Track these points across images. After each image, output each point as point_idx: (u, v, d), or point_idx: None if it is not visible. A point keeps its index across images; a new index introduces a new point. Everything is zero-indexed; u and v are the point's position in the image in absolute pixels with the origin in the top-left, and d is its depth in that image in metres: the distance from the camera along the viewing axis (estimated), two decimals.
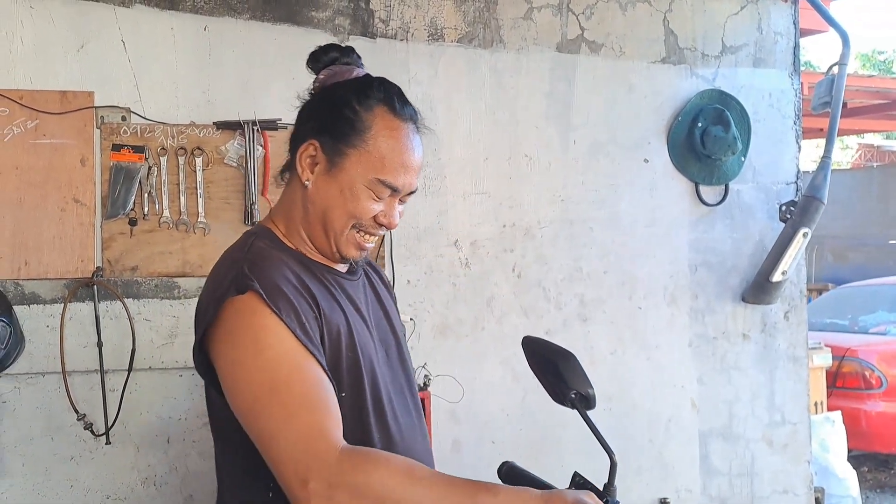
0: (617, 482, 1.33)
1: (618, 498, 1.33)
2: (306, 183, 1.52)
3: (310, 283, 1.47)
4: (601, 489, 1.32)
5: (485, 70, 3.39)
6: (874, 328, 6.14)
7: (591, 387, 1.39)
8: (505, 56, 3.41)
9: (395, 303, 1.80)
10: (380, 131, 1.48)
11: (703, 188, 3.64)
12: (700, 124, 3.57)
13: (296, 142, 1.56)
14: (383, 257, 3.24)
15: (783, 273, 3.58)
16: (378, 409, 1.52)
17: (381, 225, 1.52)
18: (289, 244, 1.55)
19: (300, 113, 1.61)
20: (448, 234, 3.35)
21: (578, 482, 1.36)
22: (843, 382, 5.41)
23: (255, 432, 1.33)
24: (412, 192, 1.53)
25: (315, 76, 1.61)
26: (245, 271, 1.40)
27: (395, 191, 1.49)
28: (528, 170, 3.44)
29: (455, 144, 3.37)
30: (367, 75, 1.58)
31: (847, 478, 4.66)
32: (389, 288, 1.81)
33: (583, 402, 1.38)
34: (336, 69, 1.57)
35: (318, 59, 1.59)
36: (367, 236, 1.53)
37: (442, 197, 3.34)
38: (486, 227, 3.39)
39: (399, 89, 1.56)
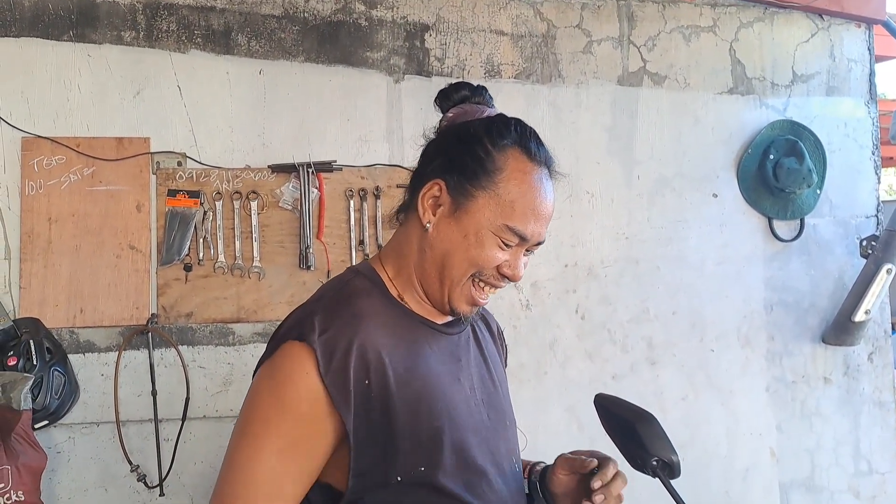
0: None
1: None
2: (427, 225, 1.30)
3: (396, 343, 1.27)
4: None
5: (543, 105, 3.13)
6: None
7: (676, 453, 1.21)
8: (564, 91, 3.15)
9: (503, 355, 1.55)
10: (512, 174, 1.28)
11: (776, 223, 3.28)
12: (772, 156, 3.22)
13: (418, 181, 1.37)
14: None
15: (866, 312, 3.18)
16: (468, 481, 1.28)
17: (503, 276, 1.30)
18: (392, 289, 1.34)
19: (424, 151, 1.42)
20: None
21: None
22: None
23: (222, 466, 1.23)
24: (540, 243, 1.32)
25: (442, 115, 1.42)
26: (315, 320, 1.23)
27: (523, 239, 1.29)
28: (590, 207, 3.14)
29: None
30: (501, 115, 1.38)
31: None
32: (497, 338, 1.55)
33: (666, 469, 1.21)
34: (467, 108, 1.39)
35: (447, 97, 1.42)
36: (486, 288, 1.32)
37: None
38: (547, 268, 3.10)
39: (534, 131, 1.35)
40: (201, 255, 2.82)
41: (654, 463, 1.19)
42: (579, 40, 3.17)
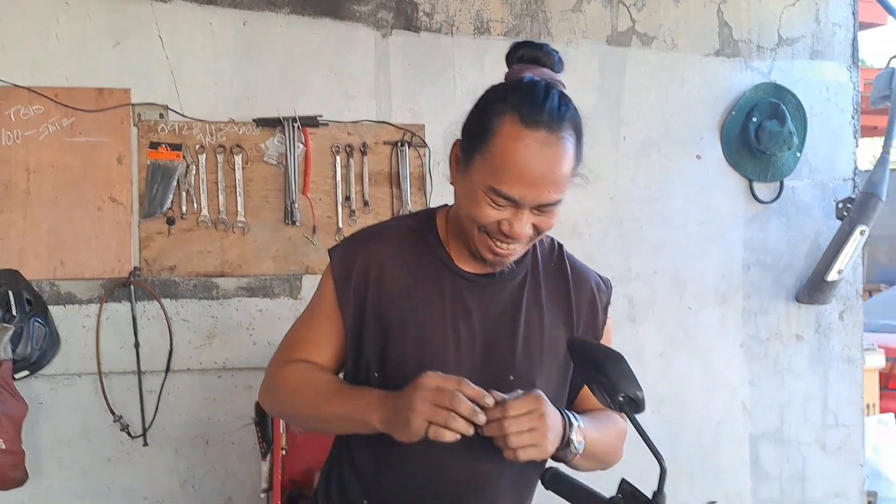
0: (666, 488, 1.17)
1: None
2: (451, 182, 1.41)
3: (404, 270, 1.40)
4: (650, 496, 1.16)
5: None
6: None
7: (641, 389, 1.21)
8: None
9: (580, 323, 1.48)
10: (502, 139, 1.26)
11: (756, 185, 3.25)
12: (755, 119, 3.18)
13: None
14: None
15: (839, 272, 3.19)
16: None
17: (506, 234, 1.29)
18: (442, 233, 1.45)
19: None
20: None
21: (626, 489, 1.20)
22: None
23: None
24: (550, 204, 1.29)
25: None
26: (350, 237, 1.50)
27: (512, 201, 1.27)
28: None
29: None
30: (529, 78, 1.33)
31: None
32: (583, 306, 1.49)
33: (631, 405, 1.21)
34: (517, 68, 1.39)
35: (509, 56, 1.42)
36: (498, 242, 1.32)
37: None
38: None
39: (546, 94, 1.30)
40: (184, 208, 2.73)
41: (621, 399, 1.20)
42: None
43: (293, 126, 2.75)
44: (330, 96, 2.86)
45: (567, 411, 1.31)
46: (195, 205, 2.73)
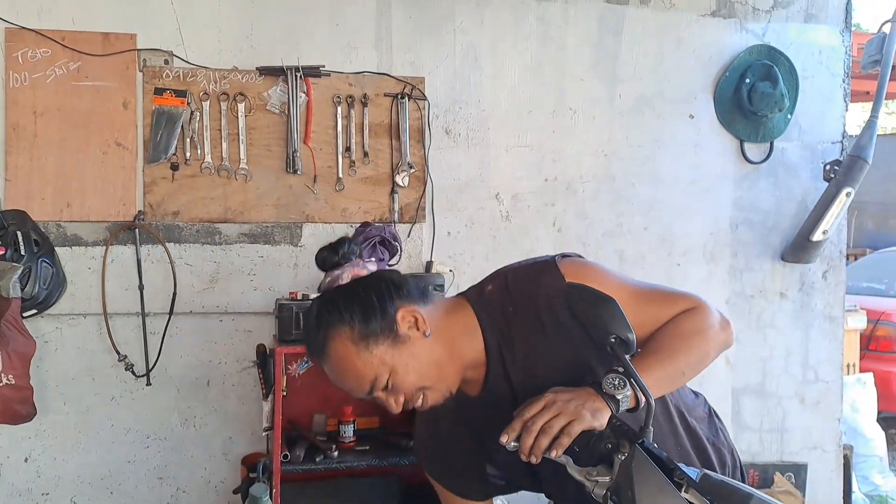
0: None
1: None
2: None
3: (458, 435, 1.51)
4: (637, 430, 1.19)
5: (532, 20, 3.03)
6: None
7: (631, 331, 1.23)
8: (552, 6, 3.05)
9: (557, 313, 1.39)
10: None
11: (747, 145, 3.26)
12: (748, 80, 3.18)
13: None
14: (423, 208, 2.94)
15: (824, 232, 3.22)
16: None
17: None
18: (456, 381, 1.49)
19: None
20: (490, 187, 3.03)
21: (615, 424, 1.21)
22: (876, 345, 5.02)
23: None
24: (377, 391, 1.34)
25: None
26: (421, 455, 1.63)
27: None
28: (572, 123, 3.09)
29: (499, 96, 3.03)
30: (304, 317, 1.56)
31: (875, 438, 4.32)
32: (546, 312, 1.39)
33: (622, 346, 1.23)
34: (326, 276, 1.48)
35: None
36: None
37: (484, 149, 3.02)
38: (528, 181, 3.06)
39: (305, 338, 1.41)
40: (188, 154, 2.73)
41: (613, 340, 1.22)
42: None
43: (296, 75, 2.74)
44: (332, 47, 2.84)
45: (599, 377, 1.28)
46: (199, 151, 2.73)
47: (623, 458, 1.15)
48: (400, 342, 1.32)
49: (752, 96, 3.17)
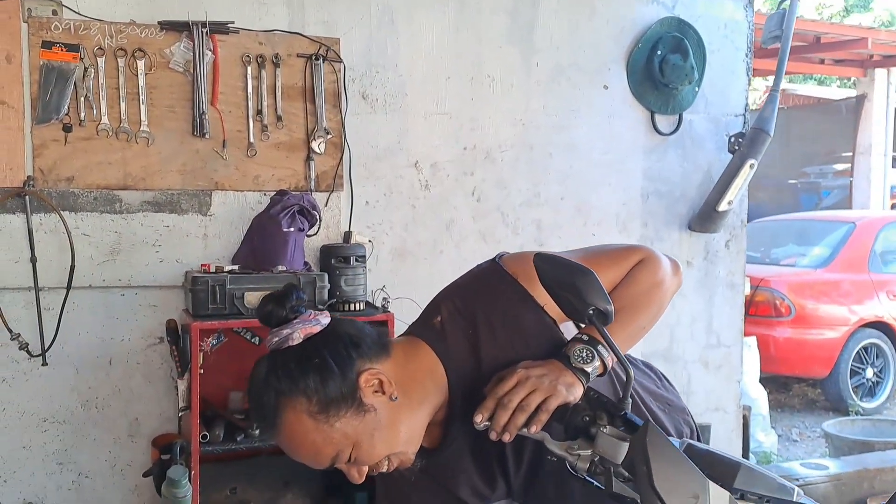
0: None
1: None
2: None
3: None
4: (616, 402, 1.13)
5: None
6: (785, 260, 6.00)
7: (610, 303, 1.16)
8: None
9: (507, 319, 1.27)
10: None
11: (658, 117, 3.28)
12: (659, 52, 3.19)
13: None
14: (341, 177, 2.79)
15: (729, 203, 3.29)
16: None
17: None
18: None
19: None
20: (408, 155, 2.91)
21: (592, 396, 1.16)
22: (755, 310, 5.23)
23: None
24: (340, 462, 1.18)
25: None
26: None
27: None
28: (490, 91, 3.01)
29: (417, 61, 2.91)
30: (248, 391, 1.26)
31: (759, 398, 4.51)
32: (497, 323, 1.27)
33: (601, 317, 1.16)
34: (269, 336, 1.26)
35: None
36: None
37: (402, 116, 2.89)
38: (446, 150, 2.97)
39: (254, 411, 1.21)
40: (83, 115, 2.48)
41: (591, 312, 1.15)
42: None
43: (202, 31, 2.53)
44: (240, 1, 2.64)
45: (564, 348, 1.21)
46: (94, 111, 2.48)
47: (605, 430, 1.10)
48: (363, 411, 1.15)
49: (663, 68, 3.18)
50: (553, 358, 1.19)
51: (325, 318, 1.20)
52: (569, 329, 1.30)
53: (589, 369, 1.18)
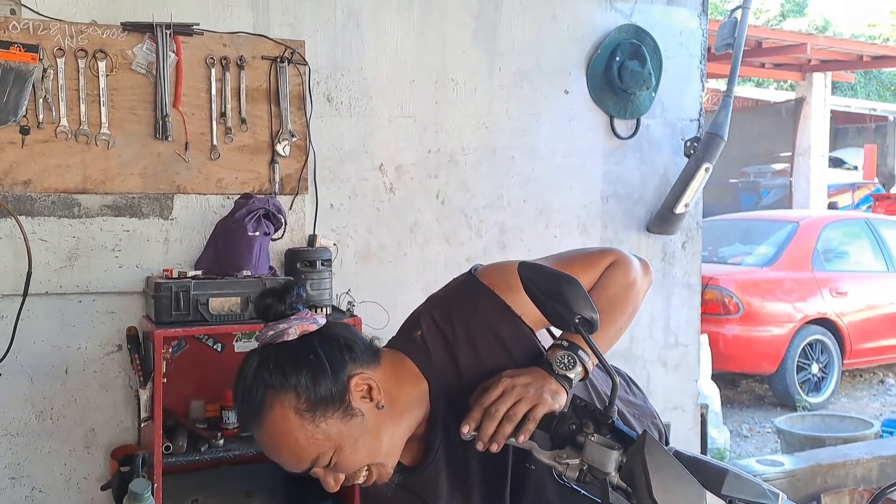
0: None
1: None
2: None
3: None
4: (602, 409, 1.16)
5: None
6: (732, 258, 6.28)
7: (596, 311, 1.19)
8: None
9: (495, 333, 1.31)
10: None
11: (617, 121, 3.41)
12: (618, 58, 3.32)
13: None
14: (306, 179, 2.83)
15: (685, 205, 3.44)
16: None
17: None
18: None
19: None
20: (373, 158, 2.97)
21: (578, 404, 1.18)
22: (705, 308, 5.42)
23: None
24: (319, 467, 1.19)
25: None
26: None
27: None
28: (454, 95, 3.09)
29: (381, 64, 2.96)
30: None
31: (711, 395, 4.72)
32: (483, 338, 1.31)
33: (586, 325, 1.19)
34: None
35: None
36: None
37: (367, 118, 2.95)
38: (411, 152, 3.03)
39: (237, 404, 1.24)
40: (41, 117, 2.45)
41: (577, 320, 1.18)
42: None
43: (165, 33, 2.53)
44: (204, 3, 2.66)
45: (545, 355, 1.25)
46: (53, 113, 2.46)
47: (593, 438, 1.12)
48: (350, 415, 1.17)
49: (622, 74, 3.32)
50: (535, 365, 1.24)
51: (321, 319, 1.24)
52: (543, 336, 1.35)
53: (571, 375, 1.22)
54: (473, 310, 1.29)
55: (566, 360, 1.23)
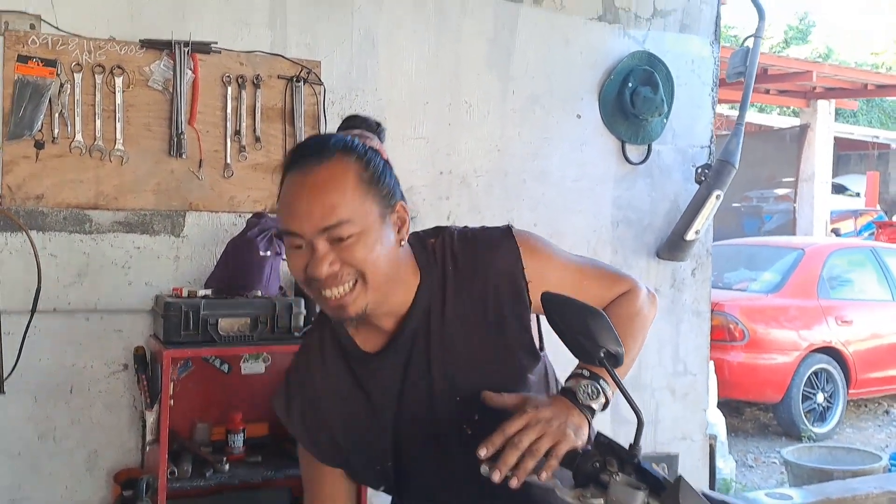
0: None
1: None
2: None
3: (330, 380, 1.37)
4: (627, 448, 1.14)
5: (430, 8, 3.02)
6: (737, 284, 6.29)
7: (621, 345, 1.20)
8: None
9: (517, 294, 1.33)
10: (281, 189, 1.26)
11: (628, 147, 3.44)
12: (630, 84, 3.36)
13: None
14: None
15: (696, 232, 3.46)
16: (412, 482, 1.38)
17: (313, 278, 1.22)
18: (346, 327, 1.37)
19: None
20: None
21: (602, 442, 1.17)
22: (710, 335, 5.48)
23: None
24: (333, 227, 1.19)
25: None
26: (285, 381, 1.43)
27: (295, 235, 1.21)
28: (467, 117, 3.11)
29: (396, 85, 2.99)
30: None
31: (717, 423, 4.70)
32: (503, 288, 1.33)
33: (611, 359, 1.20)
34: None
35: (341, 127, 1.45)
36: (323, 292, 1.23)
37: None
38: (423, 174, 3.05)
39: (309, 141, 1.29)
40: (56, 132, 2.47)
41: (602, 354, 1.19)
42: None
43: (183, 50, 2.56)
44: (222, 21, 2.68)
45: (567, 383, 1.26)
46: (69, 128, 2.48)
47: (618, 478, 1.11)
48: (385, 221, 1.22)
49: (634, 100, 3.35)
50: (559, 394, 1.25)
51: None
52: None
53: (595, 406, 1.23)
54: (490, 261, 1.31)
55: (590, 391, 1.24)
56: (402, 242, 1.25)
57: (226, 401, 2.67)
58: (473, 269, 1.32)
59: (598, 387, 1.25)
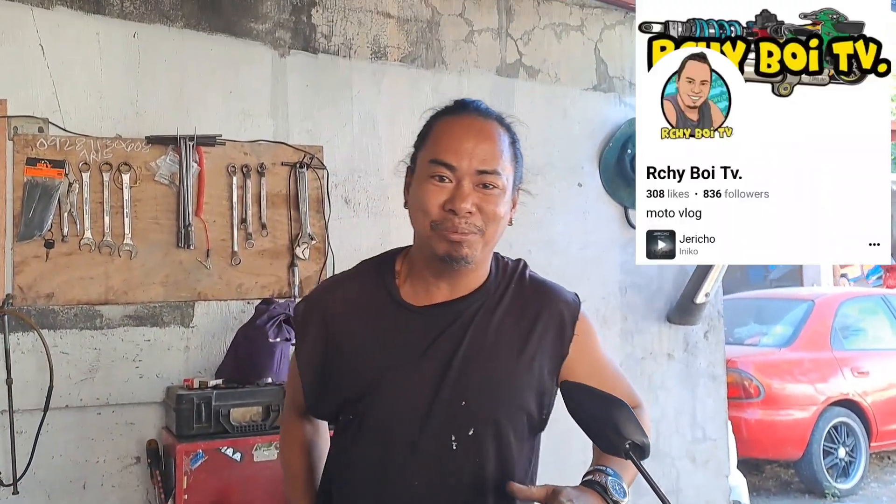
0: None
1: None
2: (405, 205, 1.46)
3: (356, 313, 1.44)
4: None
5: (427, 90, 3.11)
6: (748, 339, 6.26)
7: (647, 436, 1.24)
8: (447, 77, 3.15)
9: (556, 343, 1.46)
10: (438, 127, 1.42)
11: (631, 212, 3.49)
12: (629, 151, 3.43)
13: None
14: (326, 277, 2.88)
15: (706, 295, 3.49)
16: (378, 433, 1.39)
17: (452, 212, 1.32)
18: (400, 270, 1.47)
19: None
20: None
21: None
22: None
23: None
24: (488, 173, 1.34)
25: None
26: (314, 289, 1.57)
27: (449, 167, 1.34)
28: None
29: (398, 164, 3.05)
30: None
31: (738, 485, 4.63)
32: (550, 330, 1.46)
33: (637, 451, 1.23)
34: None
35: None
36: (450, 226, 1.34)
37: (385, 218, 3.02)
38: None
39: (470, 100, 1.46)
40: (66, 230, 2.52)
41: (628, 446, 1.22)
42: (462, 29, 3.18)
43: (188, 144, 2.63)
44: (226, 114, 2.77)
45: (592, 479, 1.31)
46: (78, 226, 2.53)
47: None
48: (511, 190, 1.39)
49: (634, 166, 3.41)
50: (590, 487, 1.29)
51: None
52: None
53: (624, 503, 1.28)
54: (552, 300, 1.48)
55: (617, 488, 1.29)
56: (511, 222, 1.42)
57: (240, 489, 2.65)
58: (535, 298, 1.47)
59: (623, 485, 1.30)
